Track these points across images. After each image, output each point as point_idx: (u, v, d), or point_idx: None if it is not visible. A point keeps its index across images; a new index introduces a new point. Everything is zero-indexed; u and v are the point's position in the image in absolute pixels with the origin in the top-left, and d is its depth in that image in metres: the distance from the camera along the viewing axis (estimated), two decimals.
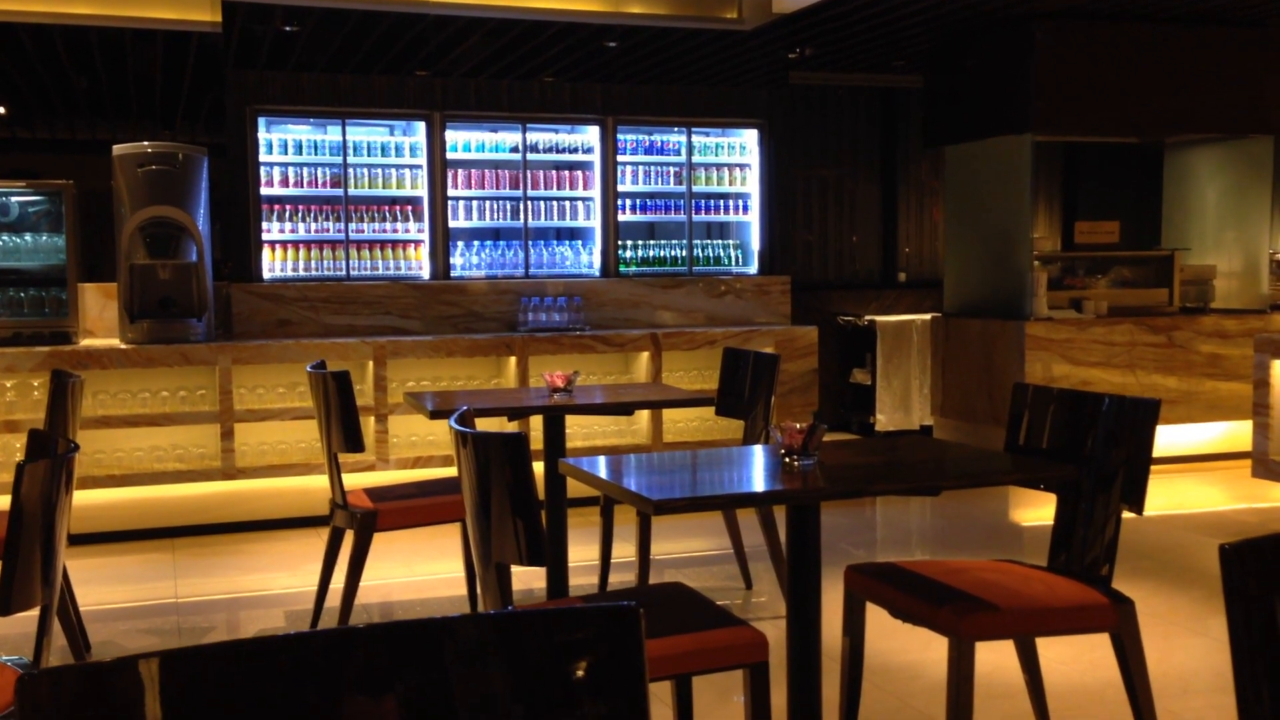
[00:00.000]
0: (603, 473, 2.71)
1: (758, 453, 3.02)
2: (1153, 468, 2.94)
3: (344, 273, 6.22)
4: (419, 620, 1.19)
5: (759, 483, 2.67)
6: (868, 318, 8.01)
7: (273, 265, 6.14)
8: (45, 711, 1.04)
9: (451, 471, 5.00)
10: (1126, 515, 2.94)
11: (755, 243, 6.91)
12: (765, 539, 4.39)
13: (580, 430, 6.06)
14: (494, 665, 1.19)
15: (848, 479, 2.65)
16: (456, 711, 1.17)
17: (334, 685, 1.15)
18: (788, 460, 2.70)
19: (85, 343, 5.68)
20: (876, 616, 3.12)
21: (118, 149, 5.60)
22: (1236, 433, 6.78)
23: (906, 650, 3.90)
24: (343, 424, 3.92)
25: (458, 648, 1.18)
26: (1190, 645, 3.98)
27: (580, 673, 1.19)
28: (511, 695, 1.18)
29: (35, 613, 2.46)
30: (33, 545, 2.20)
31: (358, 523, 3.93)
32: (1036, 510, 5.97)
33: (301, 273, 6.17)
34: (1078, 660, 3.78)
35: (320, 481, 5.38)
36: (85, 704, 1.06)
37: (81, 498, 5.16)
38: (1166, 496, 6.19)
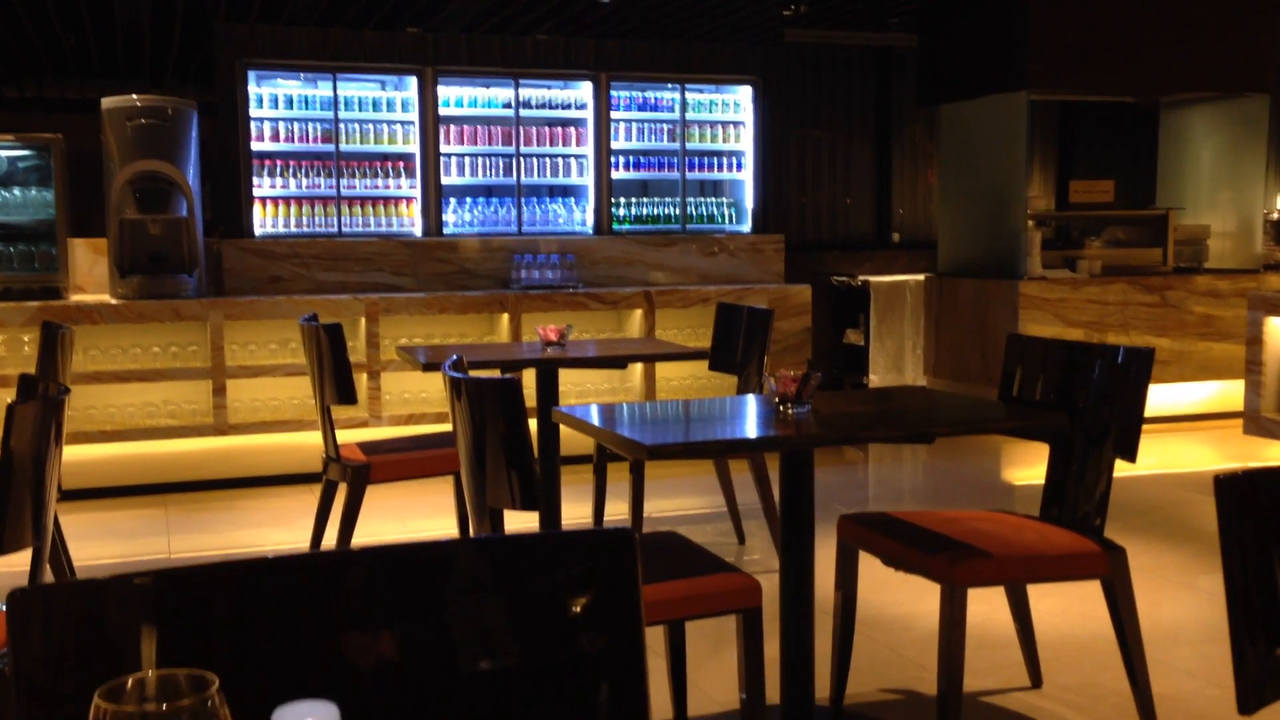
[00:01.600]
0: (595, 419, 2.70)
1: (751, 402, 3.02)
2: (1145, 427, 2.94)
3: (336, 229, 6.18)
4: (416, 543, 1.19)
5: (753, 430, 2.67)
6: (861, 278, 8.00)
7: (264, 221, 6.10)
8: (35, 627, 1.03)
9: (445, 427, 4.99)
10: (1119, 473, 2.94)
11: (749, 201, 6.88)
12: (758, 494, 4.40)
13: (573, 386, 6.05)
14: (489, 589, 1.18)
15: (841, 426, 2.64)
16: (451, 634, 1.16)
17: (329, 606, 1.15)
18: (782, 409, 2.70)
19: (75, 298, 5.65)
20: (869, 571, 3.13)
21: (106, 102, 5.54)
22: (1228, 392, 6.80)
23: (899, 603, 3.91)
24: (335, 376, 3.91)
25: (453, 571, 1.18)
26: (1180, 598, 4.00)
27: (576, 597, 1.19)
28: (506, 619, 1.18)
29: (28, 561, 2.45)
30: (24, 487, 2.19)
31: (351, 475, 3.93)
32: (1029, 469, 5.99)
33: (293, 229, 6.13)
34: (1068, 612, 3.80)
35: (313, 438, 5.37)
36: (76, 621, 1.06)
37: (73, 453, 5.15)
38: (1158, 455, 6.21)
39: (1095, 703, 3.14)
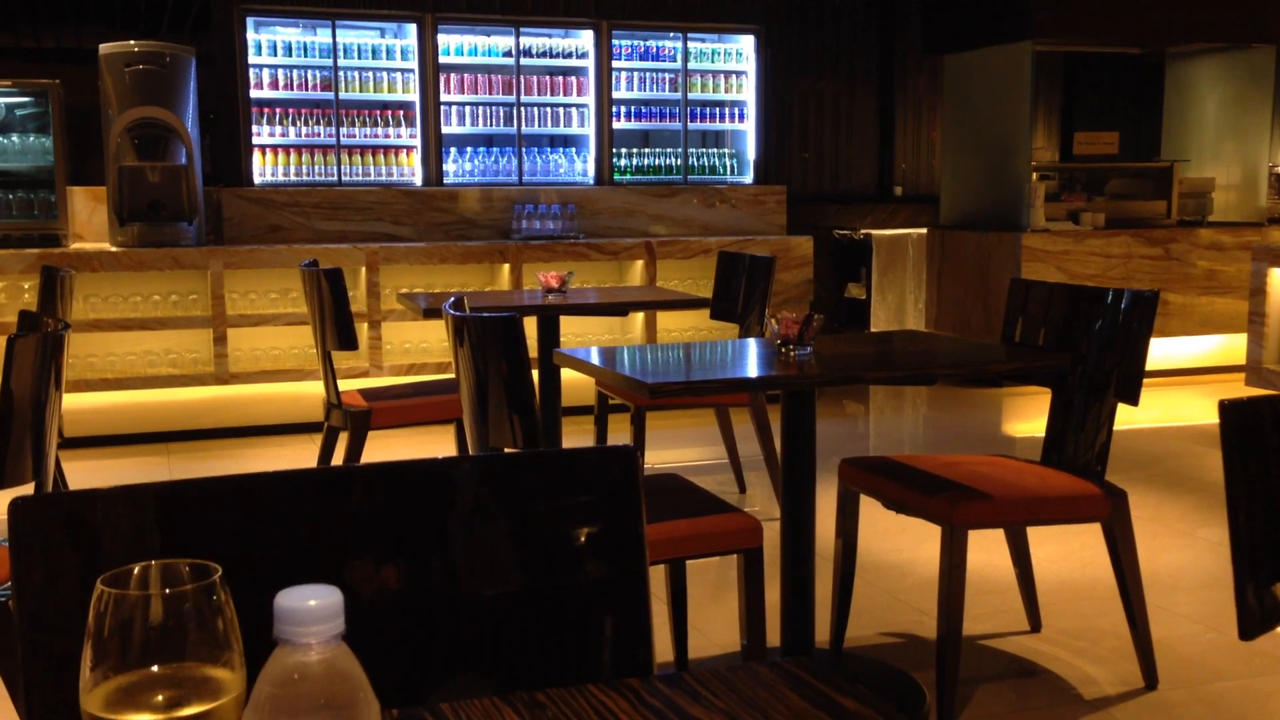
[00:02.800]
0: (596, 360, 2.70)
1: (753, 345, 3.01)
2: (1147, 381, 2.94)
3: (335, 178, 6.15)
4: (417, 460, 1.18)
5: (754, 371, 2.66)
6: (863, 231, 7.96)
7: (263, 170, 6.07)
8: (36, 537, 1.03)
9: (446, 377, 4.99)
10: (1121, 425, 2.94)
11: (751, 152, 6.84)
12: (760, 443, 4.40)
13: (573, 334, 6.05)
14: (490, 505, 1.18)
15: (843, 366, 2.64)
16: (452, 550, 1.16)
17: (331, 522, 1.14)
18: (783, 350, 2.69)
19: (75, 246, 5.63)
20: (869, 519, 3.14)
21: (104, 48, 5.50)
22: (1231, 346, 6.79)
23: (899, 550, 3.93)
24: (336, 322, 3.90)
25: (456, 487, 1.17)
26: (1180, 546, 4.02)
27: (577, 513, 1.18)
28: (507, 535, 1.18)
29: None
30: (24, 420, 2.19)
31: (352, 421, 3.93)
32: (1030, 421, 5.99)
33: (292, 178, 6.09)
34: (1068, 558, 3.82)
35: (314, 388, 5.37)
36: (77, 531, 1.05)
37: (75, 400, 5.15)
38: (1161, 408, 6.22)
39: (1094, 646, 3.16)
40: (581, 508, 1.19)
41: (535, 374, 3.59)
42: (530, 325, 4.26)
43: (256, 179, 6.04)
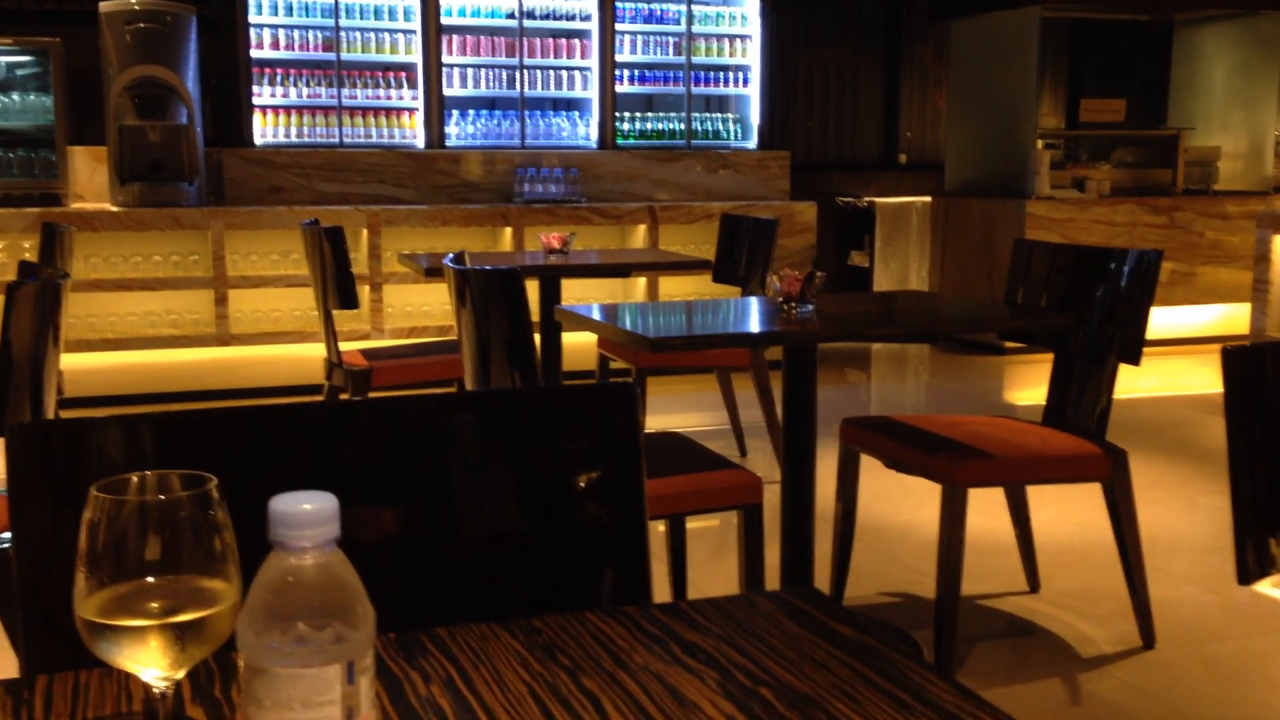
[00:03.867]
0: (598, 316, 2.69)
1: (755, 302, 3.01)
2: (1151, 350, 2.93)
3: (337, 140, 6.12)
4: (418, 395, 1.18)
5: (756, 327, 2.65)
6: (867, 199, 7.94)
7: (264, 131, 6.04)
8: (34, 462, 1.03)
9: (447, 339, 4.98)
10: (1124, 393, 2.93)
11: (755, 117, 6.80)
12: (761, 407, 4.40)
13: (574, 297, 6.01)
14: (491, 440, 1.17)
15: (845, 324, 2.63)
16: (452, 484, 1.16)
17: (333, 455, 1.14)
18: (785, 307, 2.68)
19: (76, 205, 5.62)
20: (869, 481, 3.14)
21: (104, 6, 5.46)
22: (1235, 315, 6.77)
23: (899, 512, 3.93)
24: (337, 281, 3.89)
25: (456, 423, 1.17)
26: (1180, 511, 4.02)
27: (577, 448, 1.18)
28: (508, 470, 1.17)
29: None
30: (24, 372, 2.19)
31: (353, 381, 3.92)
32: (1032, 388, 5.98)
33: (294, 139, 6.06)
34: (1067, 521, 3.82)
35: (315, 350, 5.36)
36: (75, 457, 1.05)
37: (74, 360, 5.15)
38: (1164, 376, 6.21)
39: (1092, 606, 3.17)
40: (581, 442, 1.18)
41: (536, 338, 3.58)
42: (532, 290, 4.26)
43: (258, 140, 6.01)
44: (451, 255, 2.81)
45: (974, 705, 0.82)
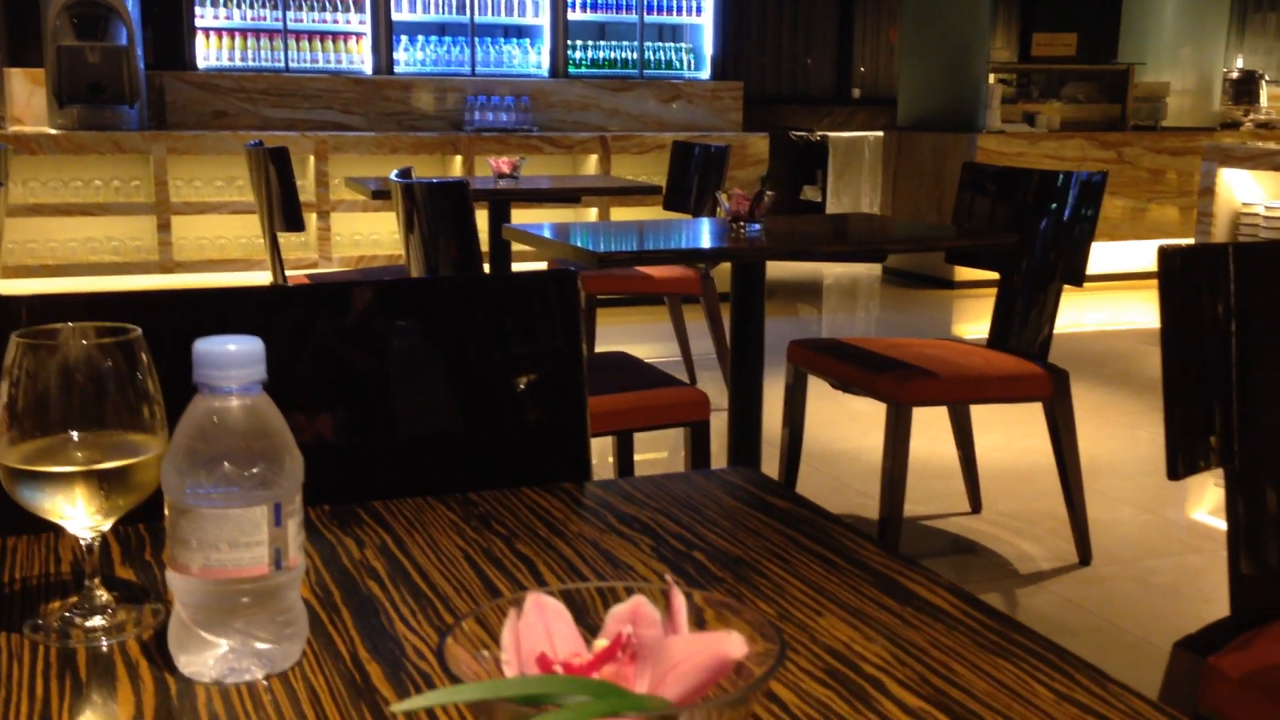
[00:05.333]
0: (547, 234, 2.67)
1: (706, 223, 3.00)
2: (1097, 285, 2.96)
3: (283, 64, 5.99)
4: (359, 280, 1.16)
5: (705, 244, 2.65)
6: (820, 133, 7.93)
7: (207, 54, 5.90)
8: None
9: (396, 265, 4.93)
10: (1070, 327, 2.96)
11: (708, 47, 6.74)
12: (711, 335, 4.41)
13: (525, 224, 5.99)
14: (432, 325, 1.16)
15: (794, 241, 2.63)
16: (393, 368, 1.15)
17: (272, 338, 1.12)
18: (735, 227, 2.68)
19: (13, 129, 5.47)
20: (816, 408, 3.16)
21: None
22: None
23: (846, 438, 3.97)
24: (283, 202, 3.83)
25: (396, 307, 1.16)
26: (1121, 438, 4.09)
27: (519, 331, 1.18)
28: (450, 354, 1.17)
29: None
30: None
31: None
32: (978, 321, 6.04)
33: (238, 63, 5.93)
34: (1010, 447, 3.88)
35: (261, 278, 5.30)
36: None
37: (14, 287, 5.05)
38: (1109, 310, 6.29)
39: (1031, 526, 3.23)
40: (522, 327, 1.18)
41: (486, 268, 3.55)
42: (482, 221, 4.23)
43: (200, 63, 5.88)
44: (398, 171, 2.77)
45: (900, 564, 0.83)
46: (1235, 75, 7.56)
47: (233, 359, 0.64)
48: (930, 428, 3.57)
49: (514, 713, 0.47)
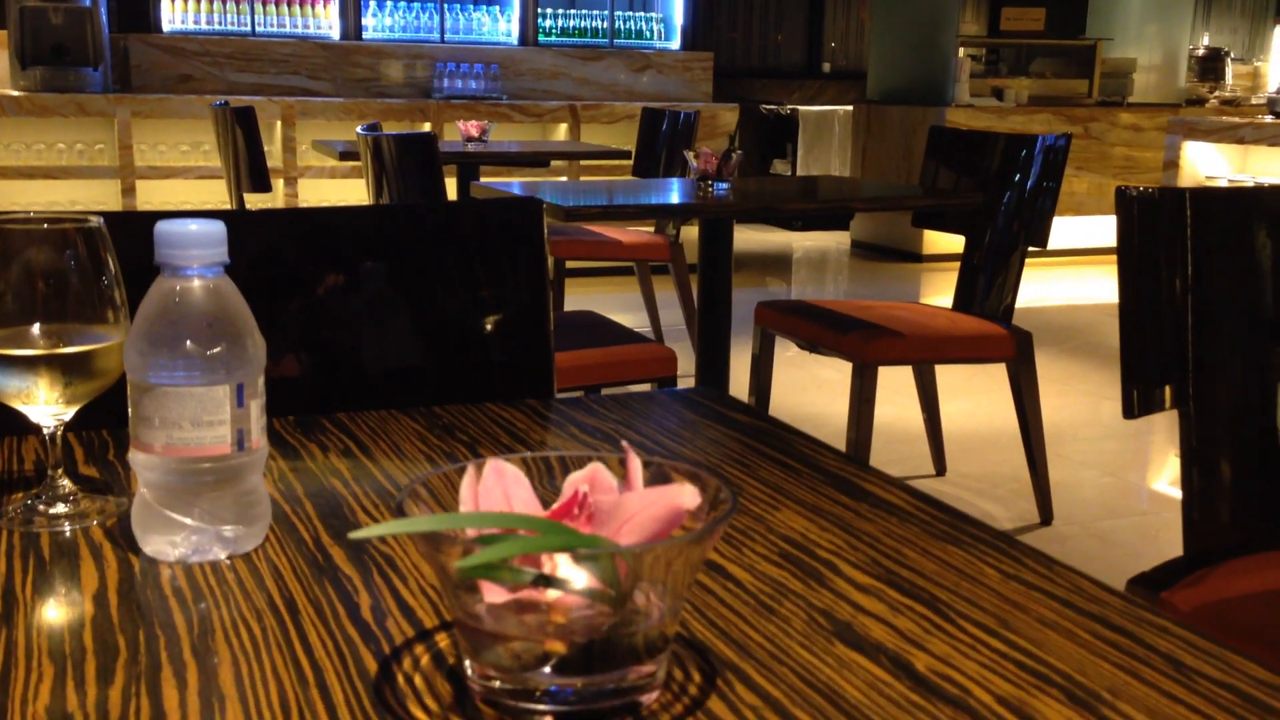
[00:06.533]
0: (517, 191, 2.67)
1: (675, 182, 3.01)
2: (1063, 259, 2.99)
3: (249, 28, 5.94)
4: (324, 207, 1.17)
5: (674, 201, 2.66)
6: (790, 107, 7.93)
7: (173, 17, 5.83)
8: None
9: None
10: (1035, 301, 2.99)
11: (678, 17, 6.73)
12: (679, 300, 4.41)
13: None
14: (399, 251, 1.17)
15: (761, 199, 2.65)
16: (359, 292, 1.15)
17: (240, 260, 1.13)
18: (702, 185, 2.69)
19: None
20: (784, 373, 3.18)
21: None
22: None
23: (813, 403, 4.00)
24: (250, 164, 3.80)
25: (362, 233, 1.16)
26: (1084, 405, 4.14)
27: (484, 255, 1.18)
28: (415, 279, 1.17)
29: None
30: None
31: None
32: (946, 294, 6.08)
33: (204, 26, 5.87)
34: (975, 413, 3.92)
35: None
36: None
37: None
38: (1075, 285, 6.35)
39: (994, 487, 3.27)
40: (488, 254, 1.18)
41: None
42: (451, 187, 4.22)
43: (165, 26, 5.81)
44: (365, 125, 2.76)
45: (856, 467, 0.85)
46: (1201, 52, 7.63)
47: (194, 238, 0.65)
48: (896, 394, 3.60)
49: (465, 547, 0.48)
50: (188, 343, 0.64)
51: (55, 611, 0.61)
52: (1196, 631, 0.60)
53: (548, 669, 0.52)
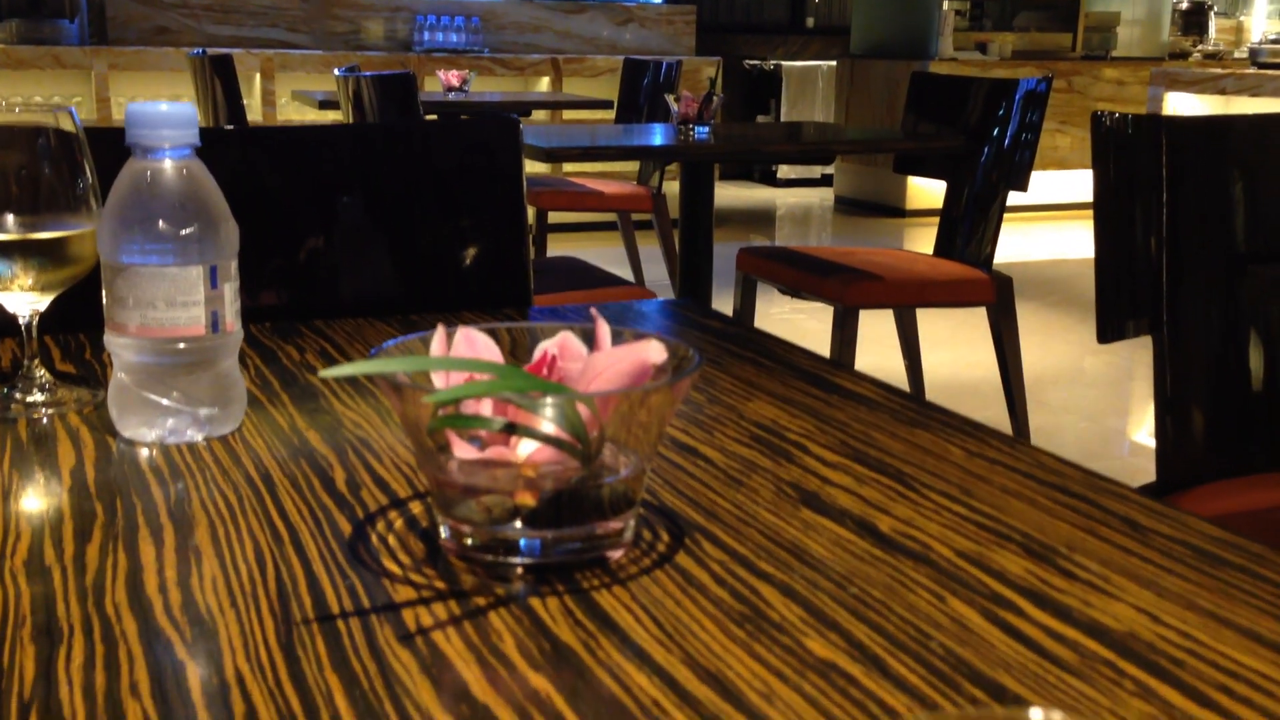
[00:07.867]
0: None
1: (656, 127, 3.00)
2: (1045, 214, 3.00)
3: None
4: (299, 125, 1.16)
5: (655, 143, 2.66)
6: (774, 63, 7.90)
7: None
8: None
9: None
10: (1018, 256, 3.00)
11: None
12: (663, 253, 4.41)
13: None
14: (377, 168, 1.17)
15: (742, 141, 2.65)
16: (336, 209, 1.15)
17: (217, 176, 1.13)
18: (683, 129, 2.69)
19: None
20: (765, 325, 3.18)
21: None
22: None
23: None
24: (228, 112, 3.78)
25: (340, 151, 1.16)
26: (1067, 355, 4.17)
27: (462, 173, 1.18)
28: (394, 196, 1.17)
29: None
30: None
31: None
32: (929, 248, 6.09)
33: None
34: (956, 362, 3.95)
35: None
36: None
37: None
38: (1055, 240, 6.37)
39: None
40: (466, 171, 1.18)
41: None
42: None
43: None
44: (343, 68, 2.75)
45: (828, 366, 0.86)
46: (1185, 6, 7.61)
47: (165, 118, 0.65)
48: (878, 344, 3.62)
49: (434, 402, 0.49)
50: (160, 223, 0.65)
51: (32, 484, 0.62)
52: (1152, 497, 0.62)
53: (518, 523, 0.53)
